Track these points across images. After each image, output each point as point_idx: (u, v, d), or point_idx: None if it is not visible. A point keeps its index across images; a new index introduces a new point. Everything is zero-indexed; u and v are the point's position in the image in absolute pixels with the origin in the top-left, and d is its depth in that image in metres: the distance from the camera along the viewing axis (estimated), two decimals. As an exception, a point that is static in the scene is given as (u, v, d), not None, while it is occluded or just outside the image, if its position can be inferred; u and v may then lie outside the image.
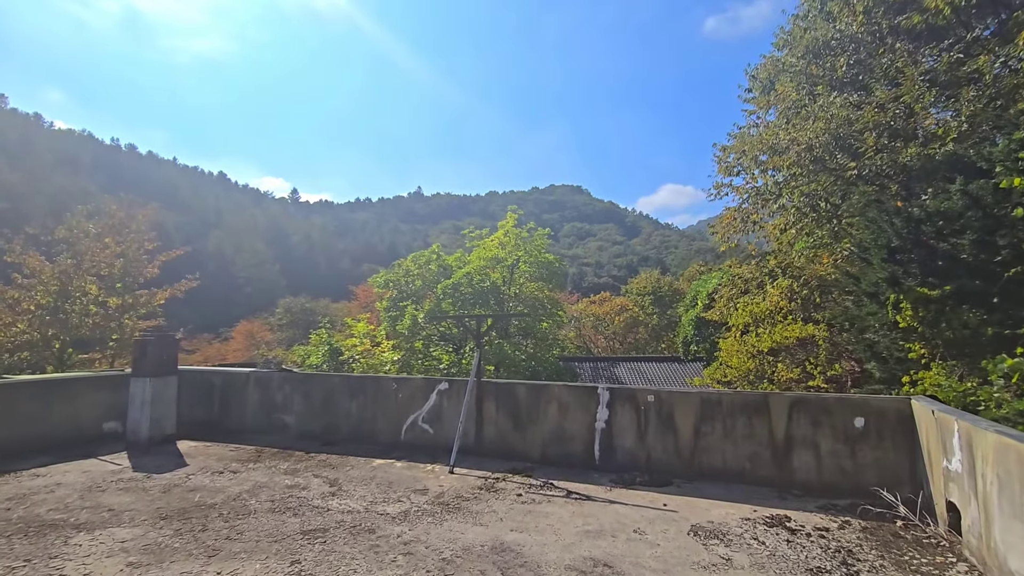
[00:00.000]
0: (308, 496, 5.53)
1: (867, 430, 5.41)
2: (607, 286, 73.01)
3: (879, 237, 11.20)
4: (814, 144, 14.87)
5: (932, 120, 12.50)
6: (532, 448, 6.83)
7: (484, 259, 22.01)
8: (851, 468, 5.44)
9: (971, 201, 9.92)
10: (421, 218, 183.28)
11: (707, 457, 6.00)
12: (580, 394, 6.67)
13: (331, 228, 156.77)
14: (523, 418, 6.93)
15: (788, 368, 13.05)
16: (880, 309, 11.06)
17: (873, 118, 13.41)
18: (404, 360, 21.73)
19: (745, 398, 5.90)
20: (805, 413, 5.65)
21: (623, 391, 6.45)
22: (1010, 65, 11.61)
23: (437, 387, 7.47)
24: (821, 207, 15.55)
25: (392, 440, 7.65)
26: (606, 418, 6.48)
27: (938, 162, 11.86)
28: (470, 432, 7.17)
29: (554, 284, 23.19)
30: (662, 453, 6.20)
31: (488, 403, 7.15)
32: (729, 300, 20.50)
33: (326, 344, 19.80)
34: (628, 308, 44.54)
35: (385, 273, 22.77)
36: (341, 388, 8.09)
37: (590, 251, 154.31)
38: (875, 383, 11.88)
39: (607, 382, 31.24)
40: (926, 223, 10.62)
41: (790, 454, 5.67)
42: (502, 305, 21.26)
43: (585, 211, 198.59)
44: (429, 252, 22.48)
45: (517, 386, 7.06)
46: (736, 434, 5.89)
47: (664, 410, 6.24)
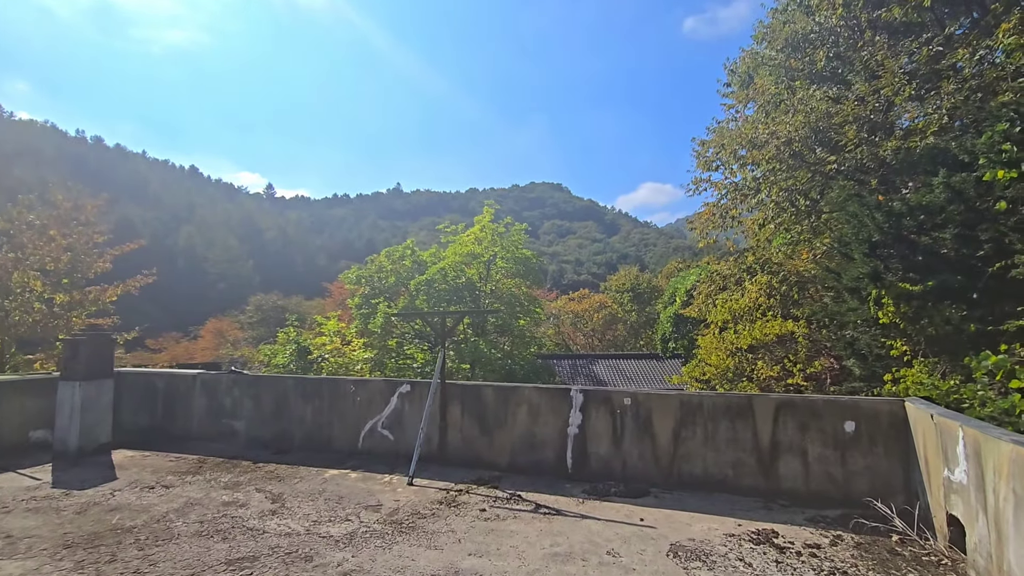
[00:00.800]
0: (245, 515, 4.91)
1: (858, 435, 5.01)
2: (586, 283, 72.96)
3: (860, 231, 10.94)
4: (793, 138, 14.63)
5: (912, 113, 12.31)
6: (500, 455, 6.31)
7: (460, 255, 21.40)
8: (841, 476, 5.03)
9: (953, 194, 9.69)
10: (400, 215, 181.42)
11: (687, 464, 5.55)
12: (552, 397, 6.16)
13: (308, 224, 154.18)
14: (490, 423, 6.40)
15: (768, 365, 12.77)
16: (861, 305, 10.81)
17: (853, 111, 13.19)
18: (377, 359, 21.03)
19: (728, 400, 5.46)
20: (792, 416, 5.23)
21: (598, 393, 5.97)
22: (988, 60, 11.43)
23: (398, 390, 6.89)
24: (800, 202, 15.35)
25: (349, 448, 7.05)
26: (579, 422, 5.99)
27: (918, 155, 11.66)
28: (433, 438, 6.61)
29: (531, 280, 22.70)
30: (639, 460, 5.73)
31: (453, 407, 6.60)
32: (707, 297, 20.27)
33: (293, 343, 19.01)
34: (607, 305, 44.36)
35: (357, 269, 21.99)
36: (294, 391, 7.45)
37: (570, 248, 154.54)
38: (855, 381, 11.65)
39: (585, 380, 30.99)
40: (907, 217, 10.37)
41: (776, 461, 5.25)
42: (478, 302, 20.69)
43: (565, 209, 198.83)
44: (403, 247, 21.78)
45: (484, 388, 6.52)
46: (718, 439, 5.45)
47: (641, 413, 5.77)
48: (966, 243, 9.54)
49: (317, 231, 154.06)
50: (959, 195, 9.70)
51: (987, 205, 9.31)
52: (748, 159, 16.07)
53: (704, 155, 18.24)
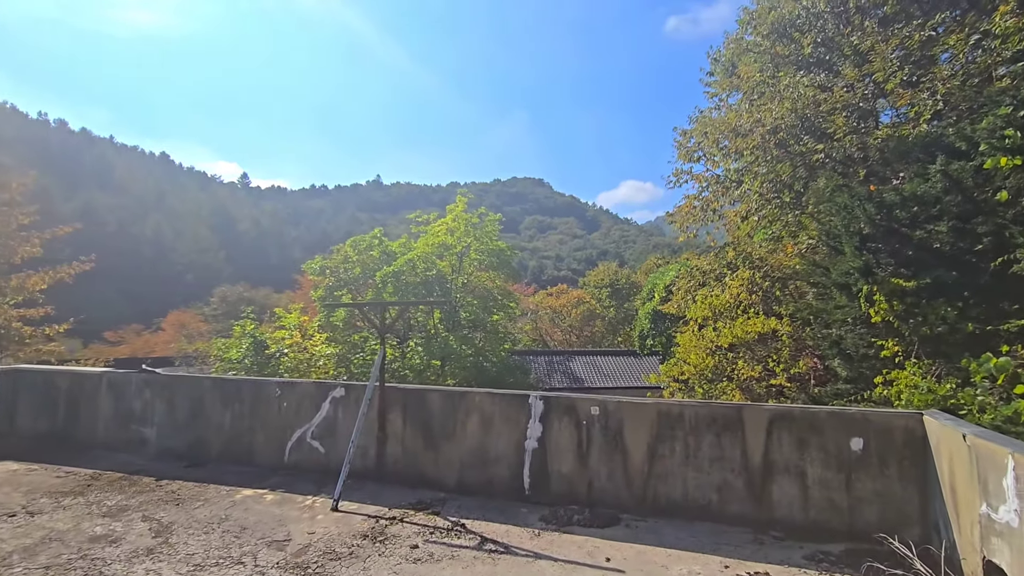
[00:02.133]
0: (110, 556, 3.88)
1: (867, 454, 4.19)
2: (566, 279, 72.41)
3: (851, 224, 10.23)
4: (779, 126, 13.90)
5: (905, 100, 11.65)
6: (446, 472, 5.36)
7: (431, 246, 20.33)
8: (846, 503, 4.21)
9: (951, 184, 9.00)
10: (380, 207, 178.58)
11: (664, 486, 4.67)
12: (508, 404, 5.23)
13: (283, 215, 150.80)
14: (437, 434, 5.45)
15: (749, 365, 12.06)
16: (850, 302, 10.11)
17: (842, 99, 12.49)
18: (342, 355, 19.90)
19: (713, 411, 4.60)
20: (788, 431, 4.39)
21: (560, 401, 5.05)
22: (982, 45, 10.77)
23: (331, 394, 5.89)
24: (784, 194, 14.67)
25: (273, 461, 6.02)
26: (539, 435, 5.07)
27: (911, 143, 10.99)
28: (369, 451, 5.63)
29: (506, 274, 21.73)
30: (608, 480, 4.84)
31: (393, 414, 5.62)
32: (687, 292, 19.59)
33: (249, 336, 17.75)
34: (585, 300, 43.69)
35: (321, 259, 20.75)
36: (213, 394, 6.38)
37: (550, 244, 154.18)
38: (841, 382, 10.99)
39: (562, 376, 30.19)
40: (900, 209, 9.67)
41: (769, 483, 4.40)
42: (449, 295, 19.67)
43: (546, 204, 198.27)
44: (370, 237, 20.62)
45: (430, 393, 5.56)
46: (701, 457, 4.59)
47: (611, 425, 4.88)
48: (963, 237, 8.87)
49: (293, 222, 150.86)
50: (957, 184, 9.01)
51: (986, 196, 8.64)
52: (732, 148, 15.33)
53: (686, 145, 17.48)
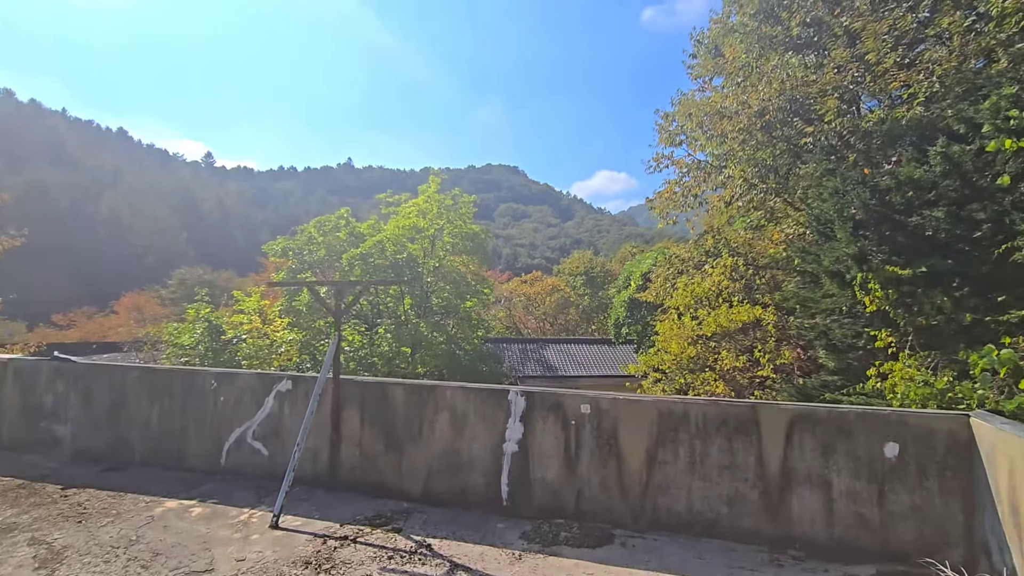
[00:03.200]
0: (-32, 599, 3.00)
1: (903, 462, 3.60)
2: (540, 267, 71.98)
3: (844, 209, 9.75)
4: (766, 108, 13.36)
5: (898, 82, 11.21)
6: (411, 479, 4.59)
7: (402, 228, 19.32)
8: (877, 519, 3.62)
9: (951, 167, 8.57)
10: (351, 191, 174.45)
11: (666, 497, 4.01)
12: (483, 401, 4.48)
13: (250, 197, 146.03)
14: (400, 435, 4.67)
15: (733, 355, 11.61)
16: (842, 290, 9.68)
17: (832, 80, 11.99)
18: (305, 341, 18.83)
19: (723, 410, 3.94)
20: (812, 434, 3.76)
21: (545, 397, 4.33)
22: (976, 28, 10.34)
23: (275, 387, 5.03)
24: (770, 179, 14.21)
25: (208, 464, 5.15)
26: (520, 437, 4.34)
27: (905, 126, 10.56)
28: (320, 455, 4.82)
29: (480, 258, 20.90)
30: (600, 490, 4.15)
31: (349, 412, 4.82)
32: (665, 280, 19.14)
33: (204, 321, 16.53)
34: (560, 288, 43.19)
35: (283, 240, 19.51)
36: (138, 387, 5.44)
37: (524, 232, 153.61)
38: (827, 374, 10.61)
39: (535, 365, 29.66)
40: (895, 193, 9.21)
41: (788, 495, 3.78)
42: (420, 280, 18.76)
43: (521, 192, 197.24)
44: (336, 216, 19.47)
45: (392, 387, 4.76)
46: (709, 464, 3.94)
47: (605, 426, 4.18)
48: (960, 223, 8.46)
49: (260, 204, 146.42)
50: (957, 168, 8.57)
51: (985, 181, 8.23)
52: (716, 131, 14.76)
53: (667, 129, 16.87)
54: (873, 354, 10.04)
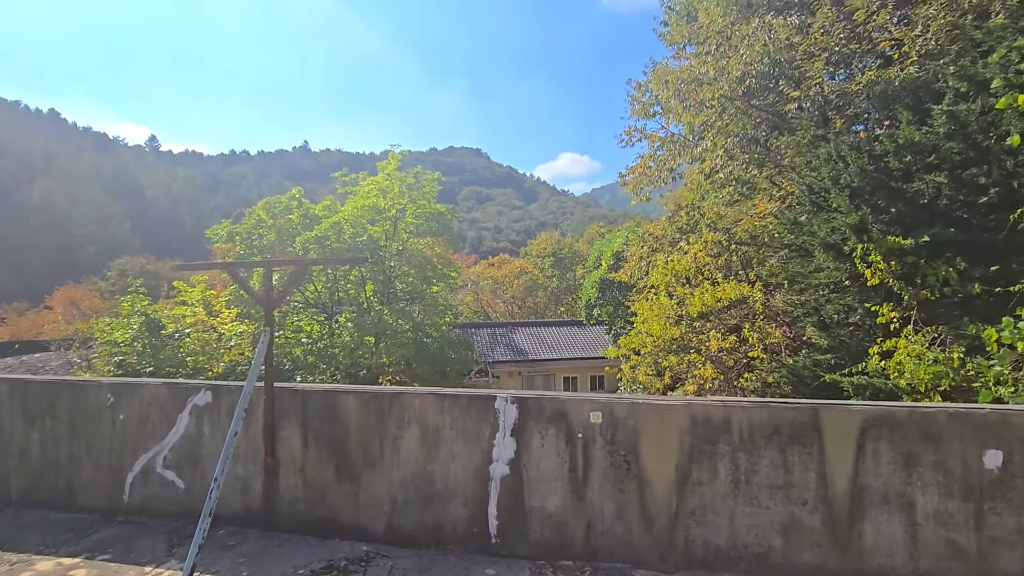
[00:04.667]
0: None
1: (1007, 474, 2.80)
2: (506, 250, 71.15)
3: (841, 176, 9.07)
4: (748, 73, 12.59)
5: (888, 41, 10.56)
6: (371, 514, 3.58)
7: (360, 208, 17.94)
8: (974, 547, 2.83)
9: (956, 127, 7.94)
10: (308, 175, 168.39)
11: (702, 527, 3.13)
12: (463, 410, 3.48)
13: (200, 182, 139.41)
14: (355, 456, 3.63)
15: (721, 335, 10.95)
16: (840, 263, 9.05)
17: (819, 41, 11.25)
18: (257, 333, 17.37)
19: (774, 414, 3.07)
20: (890, 442, 2.93)
21: (543, 405, 3.36)
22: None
23: (191, 400, 3.90)
24: (752, 150, 13.52)
25: (108, 502, 3.99)
26: (511, 455, 3.37)
27: (899, 87, 9.94)
28: (252, 485, 3.74)
29: (446, 240, 19.73)
30: (616, 521, 3.24)
31: (289, 429, 3.74)
32: (640, 259, 18.46)
33: (140, 314, 14.87)
34: (527, 271, 42.37)
35: (229, 224, 17.86)
36: (10, 405, 4.20)
37: (489, 215, 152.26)
38: (819, 353, 10.05)
39: (505, 350, 28.84)
40: (892, 157, 8.55)
41: (860, 521, 2.95)
42: (382, 264, 17.48)
43: (484, 175, 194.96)
44: (287, 197, 17.91)
45: (343, 397, 3.69)
46: (757, 483, 3.07)
47: (621, 439, 3.25)
48: (964, 188, 7.87)
49: (211, 190, 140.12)
50: (961, 128, 7.94)
51: (990, 142, 7.63)
52: (694, 99, 13.93)
53: (640, 100, 15.98)
54: (866, 330, 9.50)
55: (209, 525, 3.13)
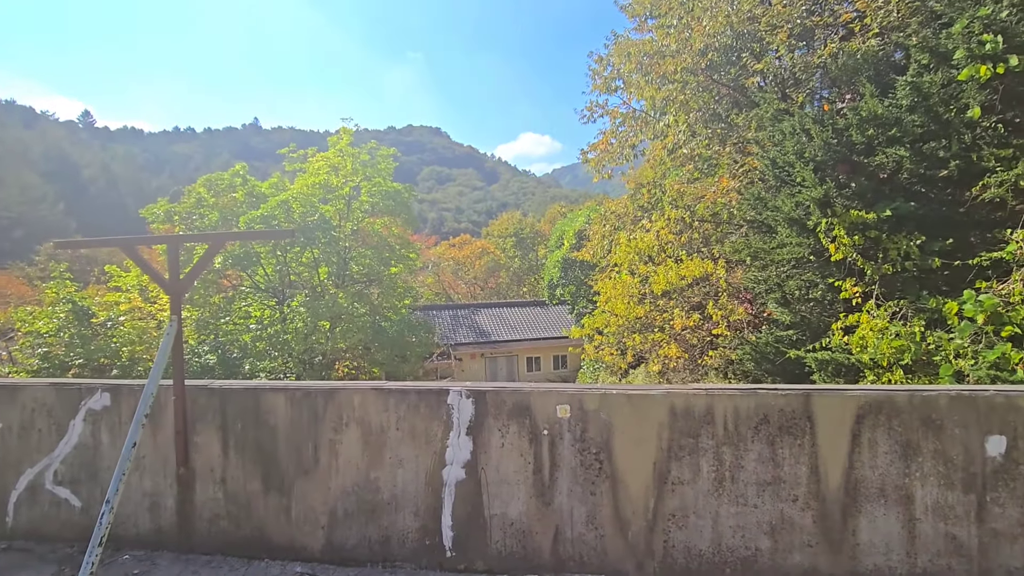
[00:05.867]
0: None
1: (1011, 461, 2.56)
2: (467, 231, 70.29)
3: (805, 150, 8.91)
4: (711, 46, 12.31)
5: (849, 15, 10.43)
6: (307, 529, 3.09)
7: (311, 186, 16.97)
8: (976, 541, 2.59)
9: (919, 99, 7.84)
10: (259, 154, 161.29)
11: (683, 531, 2.79)
12: (412, 407, 3.01)
13: (141, 161, 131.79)
14: (285, 464, 3.11)
15: (686, 313, 10.80)
16: (803, 239, 8.95)
17: (781, 13, 11.03)
18: (202, 320, 16.33)
19: (762, 402, 2.73)
20: (887, 431, 2.64)
21: (503, 398, 2.93)
22: None
23: (85, 403, 3.28)
24: (715, 125, 13.33)
25: (-14, 526, 3.36)
26: (468, 457, 2.94)
27: (861, 60, 9.83)
28: (164, 502, 3.18)
29: (404, 219, 18.96)
30: (587, 527, 2.86)
31: (207, 435, 3.18)
32: (603, 238, 18.24)
33: (67, 301, 13.67)
34: (489, 251, 41.83)
35: (166, 203, 16.57)
36: None
37: (450, 196, 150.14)
38: (781, 329, 10.03)
39: (467, 331, 28.39)
40: (855, 131, 8.42)
41: (854, 516, 2.67)
42: (335, 245, 16.62)
43: (444, 155, 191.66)
44: (231, 175, 16.74)
45: (269, 395, 3.16)
46: (744, 479, 2.74)
47: (592, 435, 2.86)
48: (925, 161, 7.80)
49: (154, 169, 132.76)
50: (924, 101, 7.84)
51: (951, 114, 7.56)
52: (656, 73, 13.59)
53: (602, 74, 15.57)
54: (825, 306, 9.50)
55: (102, 552, 2.58)
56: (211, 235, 4.81)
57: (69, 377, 11.82)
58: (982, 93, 7.06)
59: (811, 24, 10.88)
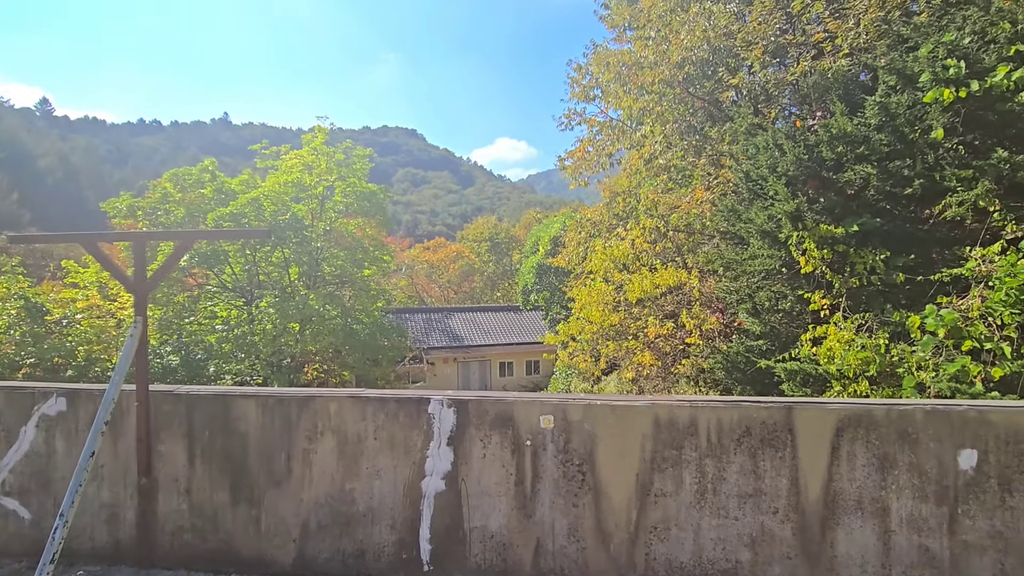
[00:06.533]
0: None
1: (982, 475, 2.63)
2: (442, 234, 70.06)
3: (778, 164, 9.12)
4: (688, 59, 12.54)
5: (820, 34, 10.75)
6: (277, 542, 2.96)
7: (283, 184, 16.59)
8: (947, 553, 2.64)
9: (886, 119, 8.11)
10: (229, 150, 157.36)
11: (665, 544, 2.77)
12: (390, 416, 2.92)
13: (103, 152, 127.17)
14: (256, 474, 2.98)
15: (659, 322, 10.91)
16: (775, 251, 9.14)
17: (756, 31, 11.32)
18: (165, 319, 15.74)
19: (745, 414, 2.74)
20: (866, 444, 2.68)
21: (486, 408, 2.87)
22: None
23: (38, 409, 3.08)
24: (691, 137, 13.57)
25: (-76, 540, 3.11)
26: (448, 468, 2.86)
27: (831, 79, 10.14)
28: (124, 514, 3.01)
29: (379, 221, 18.70)
30: (569, 539, 2.82)
31: (172, 443, 3.03)
32: (578, 245, 18.34)
33: (18, 298, 13.02)
34: (464, 255, 41.67)
35: (130, 197, 15.96)
36: None
37: (425, 198, 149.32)
38: (752, 339, 10.22)
39: (440, 335, 28.17)
40: (825, 147, 8.66)
41: (833, 529, 2.69)
42: (306, 245, 16.26)
43: (420, 157, 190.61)
44: (199, 170, 16.24)
45: (240, 402, 3.02)
46: (726, 492, 2.74)
47: (575, 446, 2.82)
48: (890, 179, 8.08)
49: (117, 162, 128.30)
50: (891, 120, 8.12)
51: (916, 135, 7.85)
52: (635, 83, 13.78)
53: (580, 82, 15.70)
54: (794, 317, 9.72)
55: (55, 568, 2.42)
56: (180, 233, 4.63)
57: (19, 377, 11.23)
58: (945, 115, 7.34)
59: (784, 42, 11.19)
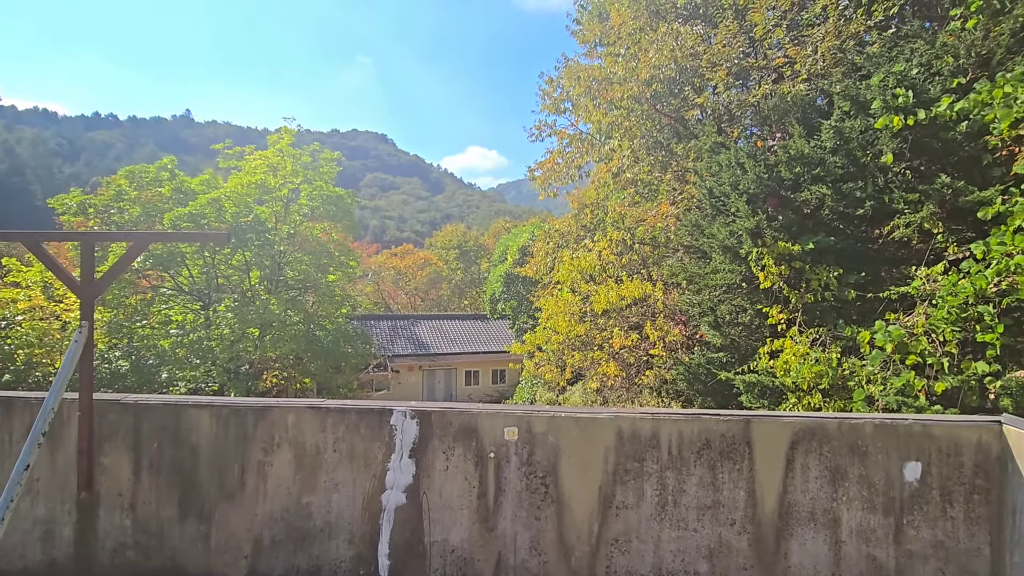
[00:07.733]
0: None
1: (925, 486, 2.74)
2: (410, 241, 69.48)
3: (740, 182, 9.42)
4: (656, 77, 12.86)
5: (781, 59, 11.21)
6: (227, 558, 2.84)
7: (246, 185, 16.15)
8: (893, 562, 2.74)
9: (841, 142, 8.50)
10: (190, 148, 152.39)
11: (626, 556, 2.78)
12: (350, 427, 2.85)
13: (53, 146, 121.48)
14: (206, 487, 2.86)
15: (624, 333, 11.06)
16: (736, 266, 9.41)
17: (720, 53, 11.72)
18: (115, 323, 15.03)
19: (705, 427, 2.79)
20: (819, 456, 2.76)
21: (449, 419, 2.83)
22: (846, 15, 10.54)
23: (-31, 418, 2.88)
24: (657, 152, 13.88)
25: None
26: (409, 481, 2.81)
27: (790, 102, 10.55)
28: (61, 530, 2.83)
29: (345, 226, 18.39)
30: (531, 553, 2.80)
31: (116, 455, 2.88)
32: (546, 255, 18.46)
33: (-48, 299, 12.28)
34: (432, 262, 41.39)
35: (80, 194, 15.22)
36: None
37: (393, 204, 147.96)
38: (713, 351, 10.47)
39: (406, 343, 27.82)
40: (784, 167, 9.00)
41: (787, 540, 2.76)
42: (269, 249, 15.83)
43: (390, 162, 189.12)
44: (157, 168, 15.66)
45: (192, 412, 2.90)
46: (686, 504, 2.78)
47: (539, 458, 2.82)
48: (844, 199, 8.46)
49: (69, 156, 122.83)
50: (845, 144, 8.51)
51: (868, 158, 8.25)
52: (604, 98, 14.05)
53: (551, 95, 15.91)
54: (753, 330, 10.02)
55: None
56: (134, 234, 4.43)
57: (-50, 382, 10.55)
58: (894, 141, 7.74)
59: (747, 65, 11.61)
